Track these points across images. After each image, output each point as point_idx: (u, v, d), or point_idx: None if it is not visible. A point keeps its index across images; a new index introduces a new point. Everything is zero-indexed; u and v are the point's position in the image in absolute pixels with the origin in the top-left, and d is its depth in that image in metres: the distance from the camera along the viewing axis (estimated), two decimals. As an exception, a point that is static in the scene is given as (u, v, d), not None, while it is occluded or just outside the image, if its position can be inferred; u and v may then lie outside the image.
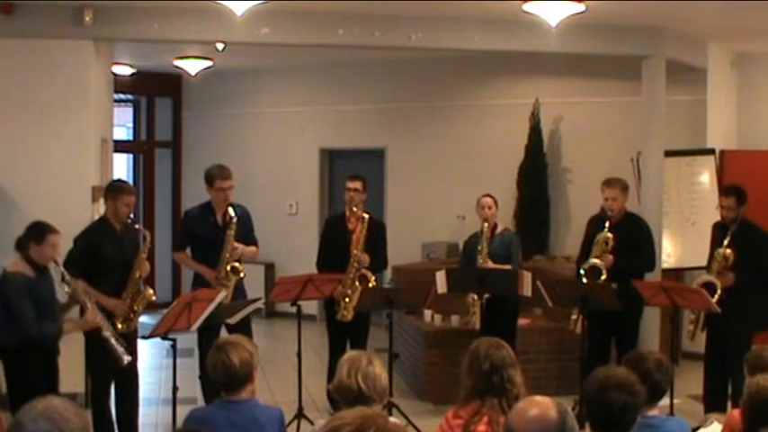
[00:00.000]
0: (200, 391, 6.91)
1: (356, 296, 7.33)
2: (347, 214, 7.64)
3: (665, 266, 8.89)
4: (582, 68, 10.29)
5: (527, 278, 7.18)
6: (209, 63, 11.07)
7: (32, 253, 5.68)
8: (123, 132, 13.27)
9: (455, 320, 8.47)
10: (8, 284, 5.65)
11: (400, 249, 9.55)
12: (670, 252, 9.32)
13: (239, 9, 6.99)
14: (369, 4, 8.02)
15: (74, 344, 6.35)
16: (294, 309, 6.97)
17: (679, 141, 9.46)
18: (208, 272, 6.96)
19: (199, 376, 6.88)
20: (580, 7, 7.23)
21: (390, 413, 6.54)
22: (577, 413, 5.72)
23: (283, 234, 11.86)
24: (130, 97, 12.97)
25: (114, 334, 5.99)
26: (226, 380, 3.99)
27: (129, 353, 6.08)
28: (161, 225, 12.55)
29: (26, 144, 7.75)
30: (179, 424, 5.18)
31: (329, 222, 8.14)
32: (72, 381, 6.85)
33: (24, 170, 7.70)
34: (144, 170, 13.06)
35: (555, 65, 10.36)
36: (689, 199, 9.54)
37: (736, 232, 6.95)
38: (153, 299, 6.37)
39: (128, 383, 6.42)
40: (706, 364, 7.23)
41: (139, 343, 6.50)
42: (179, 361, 5.76)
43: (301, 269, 7.95)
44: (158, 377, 8.57)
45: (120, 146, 11.14)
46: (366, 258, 7.39)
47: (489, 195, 7.68)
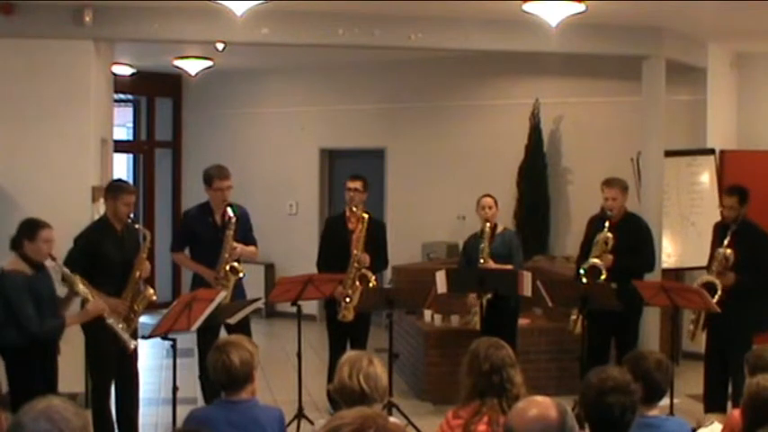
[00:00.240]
0: (200, 391, 6.92)
1: (357, 296, 7.33)
2: (347, 214, 7.63)
3: (665, 266, 8.88)
4: (582, 68, 10.29)
5: (527, 278, 7.17)
6: (209, 63, 11.06)
7: (27, 250, 5.69)
8: (123, 132, 13.26)
9: (455, 320, 8.47)
10: (6, 283, 5.65)
11: (400, 249, 9.55)
12: (670, 252, 9.32)
13: (239, 9, 6.99)
14: (369, 4, 8.02)
15: (74, 344, 6.36)
16: (294, 309, 6.97)
17: (679, 141, 9.46)
18: (207, 272, 6.95)
19: (199, 376, 6.90)
20: (580, 7, 7.23)
21: (390, 413, 6.54)
22: (577, 413, 5.71)
23: (283, 234, 11.86)
24: (130, 97, 12.96)
25: (118, 320, 5.98)
26: (226, 380, 3.98)
27: (135, 338, 6.07)
28: (161, 225, 12.51)
29: (26, 144, 7.74)
30: (179, 424, 5.18)
31: (329, 222, 8.14)
32: (72, 381, 6.86)
33: (24, 170, 7.69)
34: (144, 170, 13.05)
35: (555, 65, 10.35)
36: (689, 199, 9.54)
37: (736, 232, 6.94)
38: (153, 299, 6.37)
39: (128, 383, 6.42)
40: (706, 364, 7.23)
41: (139, 343, 6.49)
42: (179, 361, 5.76)
43: (301, 269, 7.94)
44: (158, 377, 8.57)
45: (120, 146, 11.12)
46: (366, 258, 7.39)
47: (489, 195, 7.68)
